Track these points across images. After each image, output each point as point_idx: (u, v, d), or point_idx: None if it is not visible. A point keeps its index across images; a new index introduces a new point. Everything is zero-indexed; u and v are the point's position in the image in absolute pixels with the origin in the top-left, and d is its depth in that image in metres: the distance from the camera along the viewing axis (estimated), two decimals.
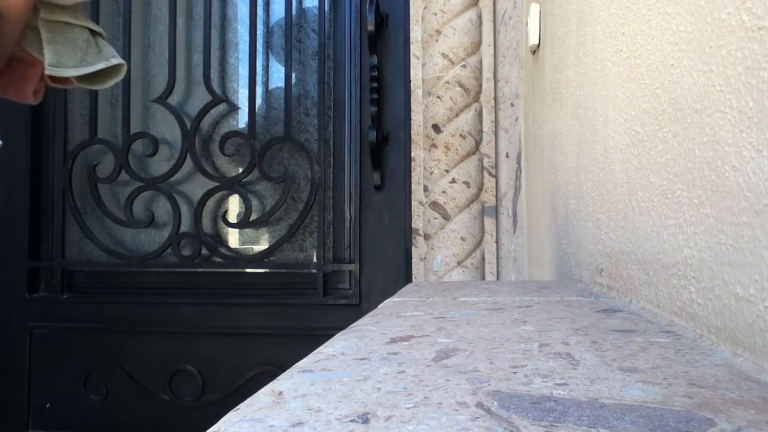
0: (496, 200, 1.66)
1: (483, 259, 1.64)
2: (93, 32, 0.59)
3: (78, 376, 1.85)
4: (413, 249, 1.67)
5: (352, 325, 0.55)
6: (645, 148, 0.59)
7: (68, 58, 0.55)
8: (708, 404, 0.30)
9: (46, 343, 1.88)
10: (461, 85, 1.61)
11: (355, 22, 1.78)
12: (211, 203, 1.85)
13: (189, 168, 1.86)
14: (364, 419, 0.29)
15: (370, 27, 1.63)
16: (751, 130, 0.37)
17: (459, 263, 1.60)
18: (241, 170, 1.82)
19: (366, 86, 1.74)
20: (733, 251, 0.40)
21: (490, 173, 1.65)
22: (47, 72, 0.55)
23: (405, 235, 1.72)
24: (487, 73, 1.65)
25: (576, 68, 0.92)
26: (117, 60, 0.59)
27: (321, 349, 0.45)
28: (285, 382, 0.36)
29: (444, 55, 1.62)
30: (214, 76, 1.86)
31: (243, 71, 1.89)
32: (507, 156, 1.67)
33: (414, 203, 1.68)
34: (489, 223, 1.65)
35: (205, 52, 1.82)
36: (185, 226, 1.85)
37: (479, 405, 0.30)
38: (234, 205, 1.88)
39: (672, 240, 0.52)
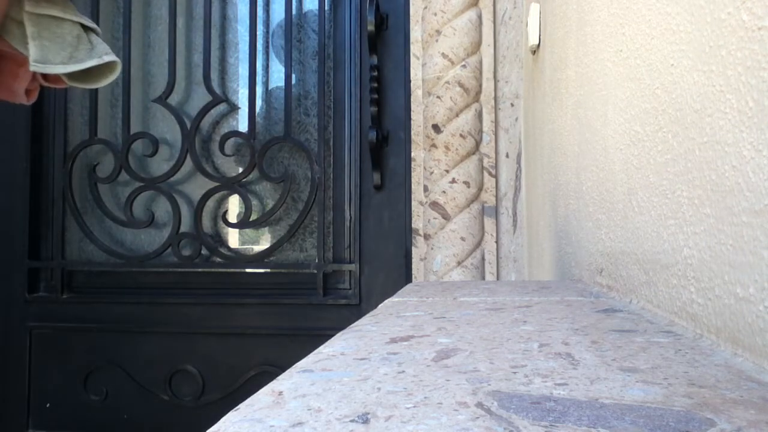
0: (496, 200, 1.66)
1: (483, 259, 1.64)
2: (86, 28, 0.54)
3: (78, 376, 1.85)
4: (413, 249, 1.67)
5: (352, 325, 0.55)
6: (645, 148, 0.59)
7: (55, 54, 0.50)
8: (708, 404, 0.30)
9: (46, 343, 1.88)
10: (461, 85, 1.61)
11: (355, 22, 1.78)
12: (211, 203, 1.85)
13: (189, 168, 1.86)
14: (364, 419, 0.29)
15: (370, 27, 1.63)
16: (751, 130, 0.37)
17: (459, 263, 1.60)
18: (241, 170, 1.82)
19: (366, 86, 1.74)
20: (733, 251, 0.40)
21: (490, 173, 1.65)
22: (31, 68, 0.51)
23: (405, 235, 1.72)
24: (487, 73, 1.65)
25: (576, 68, 0.92)
26: (110, 57, 0.55)
27: (321, 349, 0.45)
28: (285, 382, 0.36)
29: (444, 55, 1.62)
30: (214, 76, 1.86)
31: (243, 71, 1.89)
32: (507, 156, 1.67)
33: (414, 203, 1.68)
34: (489, 223, 1.65)
35: (205, 52, 1.82)
36: (185, 226, 1.85)
37: (479, 405, 0.30)
38: (234, 205, 1.88)
39: (672, 240, 0.52)
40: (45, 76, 0.56)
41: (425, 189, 1.65)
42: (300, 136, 1.82)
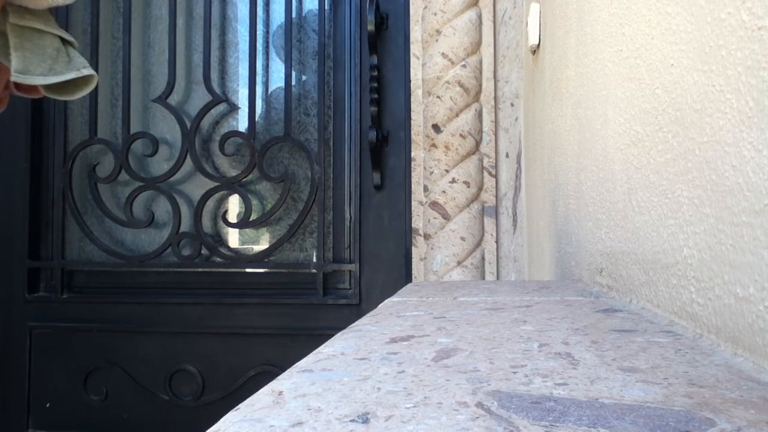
0: (496, 200, 1.66)
1: (483, 259, 1.64)
2: (64, 41, 0.56)
3: (78, 376, 1.85)
4: (413, 249, 1.67)
5: (352, 325, 0.55)
6: (645, 148, 0.59)
7: (36, 65, 0.52)
8: (708, 404, 0.30)
9: (46, 343, 1.88)
10: (461, 85, 1.61)
11: (355, 22, 1.78)
12: (211, 203, 1.85)
13: (189, 168, 1.86)
14: (364, 419, 0.29)
15: (370, 27, 1.63)
16: (751, 130, 0.37)
17: (459, 263, 1.60)
18: (241, 170, 1.82)
19: (366, 86, 1.74)
20: (733, 251, 0.40)
21: (490, 173, 1.65)
22: (13, 78, 0.52)
23: (405, 235, 1.72)
24: (487, 73, 1.65)
25: (576, 68, 0.92)
26: (88, 71, 0.56)
27: (321, 349, 0.45)
28: (285, 382, 0.36)
29: (444, 55, 1.62)
30: (214, 76, 1.86)
31: (243, 71, 1.89)
32: (507, 156, 1.67)
33: (414, 203, 1.68)
34: (489, 223, 1.65)
35: (205, 52, 1.82)
36: (185, 226, 1.85)
37: (479, 405, 0.30)
38: (234, 205, 1.88)
39: (672, 240, 0.52)
40: (18, 85, 0.56)
41: (425, 189, 1.65)
42: (300, 136, 1.82)
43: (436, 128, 1.62)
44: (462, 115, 1.62)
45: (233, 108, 1.88)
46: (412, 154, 1.68)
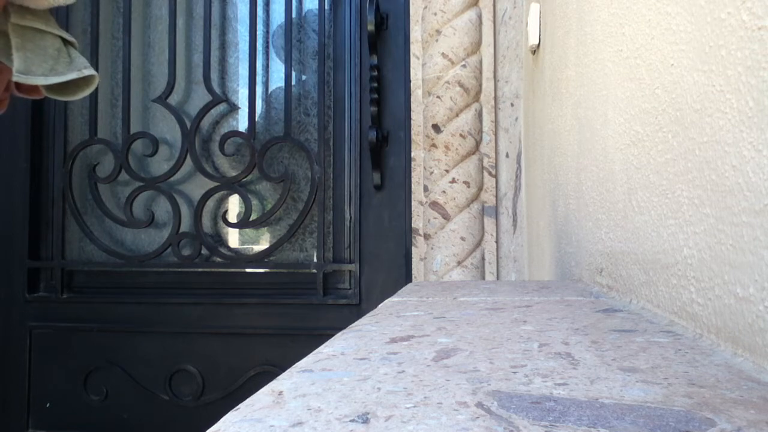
0: (496, 200, 1.66)
1: (483, 259, 1.64)
2: (65, 41, 0.56)
3: (78, 376, 1.85)
4: (413, 249, 1.67)
5: (352, 325, 0.55)
6: (645, 148, 0.59)
7: (38, 66, 0.52)
8: (708, 404, 0.30)
9: (46, 343, 1.88)
10: (461, 85, 1.61)
11: (355, 22, 1.78)
12: (211, 203, 1.85)
13: (189, 168, 1.86)
14: (364, 419, 0.29)
15: (370, 27, 1.63)
16: (751, 130, 0.37)
17: (459, 263, 1.60)
18: (241, 170, 1.82)
19: (366, 86, 1.74)
20: (733, 251, 0.40)
21: (490, 173, 1.65)
22: (15, 79, 0.52)
23: (405, 235, 1.72)
24: (487, 73, 1.65)
25: (576, 68, 0.92)
26: (89, 71, 0.56)
27: (321, 349, 0.45)
28: (285, 382, 0.36)
29: (444, 55, 1.62)
30: (214, 76, 1.86)
31: (243, 71, 1.89)
32: (507, 156, 1.67)
33: (414, 203, 1.68)
34: (489, 223, 1.65)
35: (205, 52, 1.82)
36: (185, 226, 1.85)
37: (479, 405, 0.30)
38: (234, 205, 1.88)
39: (672, 240, 0.52)
40: (18, 86, 0.56)
41: (425, 189, 1.65)
42: (300, 136, 1.82)
43: (436, 128, 1.62)
44: (462, 115, 1.62)
45: (233, 108, 1.88)
46: (412, 154, 1.68)
